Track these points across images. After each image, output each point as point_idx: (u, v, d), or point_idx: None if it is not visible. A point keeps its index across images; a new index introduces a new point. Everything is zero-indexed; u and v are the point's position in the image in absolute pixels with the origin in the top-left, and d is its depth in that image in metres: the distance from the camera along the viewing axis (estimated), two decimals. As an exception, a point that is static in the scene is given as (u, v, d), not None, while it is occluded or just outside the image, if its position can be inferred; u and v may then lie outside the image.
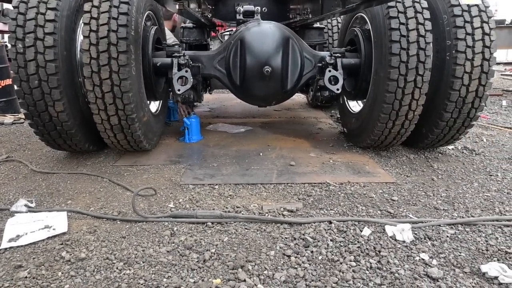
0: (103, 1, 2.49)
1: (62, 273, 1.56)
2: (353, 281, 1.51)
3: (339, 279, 1.52)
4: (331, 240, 1.80)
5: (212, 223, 1.96)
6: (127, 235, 1.87)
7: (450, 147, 3.36)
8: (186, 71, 2.85)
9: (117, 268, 1.60)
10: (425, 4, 2.68)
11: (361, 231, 1.87)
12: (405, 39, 2.61)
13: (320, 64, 3.09)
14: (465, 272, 1.58)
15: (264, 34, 3.00)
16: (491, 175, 2.71)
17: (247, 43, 2.96)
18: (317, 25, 4.13)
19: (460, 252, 1.72)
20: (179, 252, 1.71)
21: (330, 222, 1.96)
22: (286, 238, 1.83)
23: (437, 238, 1.83)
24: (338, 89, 2.87)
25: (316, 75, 3.14)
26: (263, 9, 4.19)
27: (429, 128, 2.94)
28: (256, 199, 2.29)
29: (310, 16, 3.54)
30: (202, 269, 1.60)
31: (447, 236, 1.85)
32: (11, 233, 1.84)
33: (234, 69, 3.05)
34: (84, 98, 2.76)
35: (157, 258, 1.67)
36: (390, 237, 1.83)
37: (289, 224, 1.96)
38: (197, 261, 1.65)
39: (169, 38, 4.12)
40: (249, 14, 3.62)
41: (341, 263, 1.63)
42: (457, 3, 2.67)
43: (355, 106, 3.53)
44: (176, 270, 1.58)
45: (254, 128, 4.11)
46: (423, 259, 1.66)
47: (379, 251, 1.71)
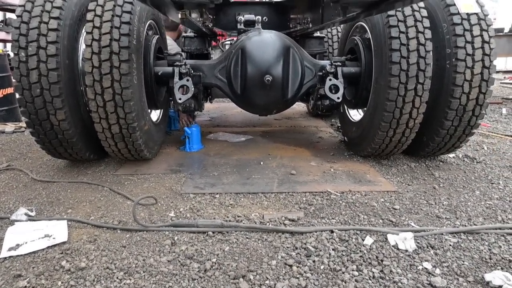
0: (106, 11, 2.51)
1: (62, 283, 1.55)
2: (356, 291, 1.50)
3: (342, 289, 1.51)
4: (333, 250, 1.79)
5: (213, 233, 1.95)
6: (128, 245, 1.86)
7: (451, 155, 3.36)
8: (187, 80, 2.87)
9: (118, 278, 1.58)
10: (425, 13, 2.70)
11: (363, 240, 1.86)
12: (405, 48, 2.62)
13: (321, 73, 3.10)
14: (469, 281, 1.56)
15: (265, 43, 3.02)
16: (493, 183, 2.70)
17: (248, 52, 2.98)
18: (317, 34, 4.16)
19: (464, 261, 1.71)
20: (180, 262, 1.70)
21: (332, 231, 1.95)
22: (288, 248, 1.82)
23: (440, 247, 1.82)
24: (339, 98, 2.88)
25: (317, 84, 3.15)
26: (264, 19, 4.22)
27: (430, 136, 2.94)
28: (257, 208, 2.28)
29: (311, 26, 3.56)
30: (203, 279, 1.58)
31: (450, 245, 1.84)
32: (11, 242, 1.84)
33: (235, 78, 3.06)
34: (86, 107, 2.77)
35: (158, 268, 1.65)
36: (393, 246, 1.82)
37: (291, 233, 1.94)
38: (198, 271, 1.63)
39: (171, 49, 4.14)
40: (250, 24, 3.64)
41: (344, 273, 1.61)
42: (457, 12, 2.69)
43: (356, 115, 3.53)
44: (177, 280, 1.57)
45: (255, 137, 4.11)
46: (426, 268, 1.64)
47: (382, 260, 1.70)
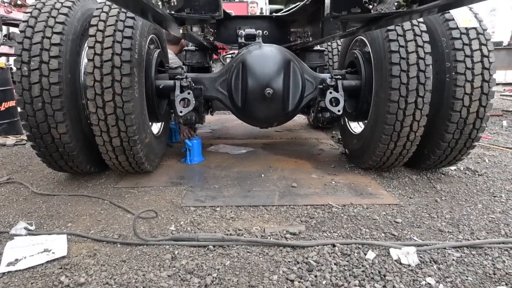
0: (108, 26, 2.54)
1: (61, 299, 1.53)
2: (359, 307, 1.48)
3: (344, 305, 1.49)
4: (335, 264, 1.77)
5: (214, 247, 1.94)
6: (128, 259, 1.84)
7: (453, 168, 3.35)
8: (189, 93, 2.88)
9: (117, 294, 1.56)
10: (424, 27, 2.72)
11: (365, 255, 1.84)
12: (405, 61, 2.64)
13: (321, 86, 3.11)
14: (473, 297, 1.54)
15: (266, 57, 3.04)
16: (495, 196, 2.69)
17: (249, 66, 3.00)
18: (318, 48, 4.20)
19: (467, 276, 1.68)
20: (180, 277, 1.68)
21: (334, 245, 1.93)
22: (289, 262, 1.80)
23: (443, 262, 1.80)
24: (339, 111, 2.89)
25: (317, 97, 3.17)
26: (264, 33, 4.27)
27: (431, 149, 2.94)
28: (258, 222, 2.27)
29: (311, 39, 3.60)
30: (204, 294, 1.56)
31: (453, 260, 1.82)
32: (10, 257, 1.82)
33: (236, 91, 3.08)
34: (87, 120, 2.78)
35: (158, 283, 1.63)
36: (395, 261, 1.80)
37: (292, 247, 1.93)
38: (199, 286, 1.61)
39: (173, 63, 4.18)
40: (251, 37, 3.68)
41: (346, 288, 1.59)
42: (455, 26, 2.71)
43: (356, 127, 3.53)
44: (177, 296, 1.55)
45: (256, 149, 4.11)
46: (430, 284, 1.62)
47: (384, 275, 1.68)
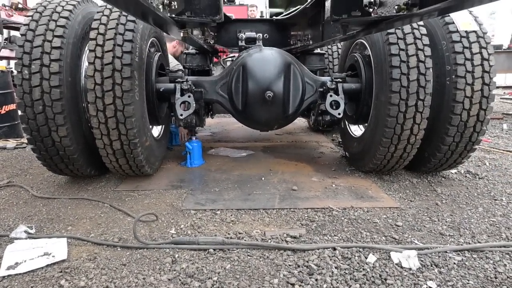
0: (109, 29, 2.55)
1: (61, 303, 1.53)
2: (360, 311, 1.47)
3: (345, 309, 1.48)
4: (336, 268, 1.76)
5: (214, 250, 1.93)
6: (128, 262, 1.83)
7: (453, 171, 3.34)
8: (189, 96, 2.89)
9: (117, 297, 1.56)
10: (424, 31, 2.73)
11: (366, 258, 1.83)
12: (405, 65, 2.65)
13: (321, 89, 3.12)
14: (475, 301, 1.54)
15: (266, 60, 3.05)
16: (496, 200, 2.68)
17: (249, 69, 3.00)
18: (318, 51, 4.20)
19: (469, 280, 1.68)
20: (181, 280, 1.68)
21: (334, 249, 1.92)
22: (290, 266, 1.79)
23: (444, 265, 1.79)
24: (340, 114, 2.89)
25: (318, 100, 3.17)
26: (265, 36, 4.28)
27: (432, 152, 2.94)
28: (259, 225, 2.26)
29: (311, 42, 3.61)
30: (204, 298, 1.56)
31: (454, 263, 1.81)
32: (10, 261, 1.81)
33: (236, 94, 3.08)
34: (87, 123, 2.78)
35: (158, 287, 1.63)
36: (396, 264, 1.79)
37: (293, 251, 1.92)
38: (199, 290, 1.61)
39: (174, 66, 4.19)
40: (251, 41, 3.69)
41: (347, 292, 1.59)
42: (456, 30, 2.72)
43: (357, 130, 3.53)
44: (177, 299, 1.55)
45: (256, 152, 4.11)
46: (431, 287, 1.62)
47: (385, 279, 1.67)
